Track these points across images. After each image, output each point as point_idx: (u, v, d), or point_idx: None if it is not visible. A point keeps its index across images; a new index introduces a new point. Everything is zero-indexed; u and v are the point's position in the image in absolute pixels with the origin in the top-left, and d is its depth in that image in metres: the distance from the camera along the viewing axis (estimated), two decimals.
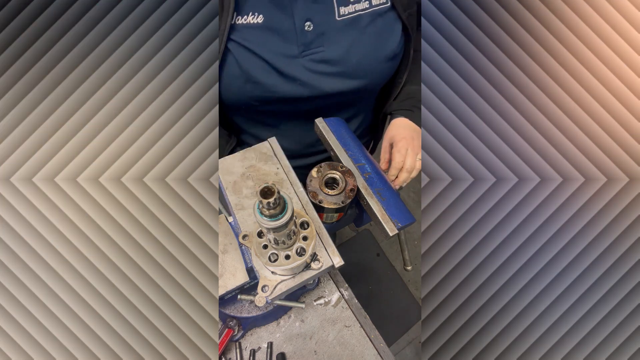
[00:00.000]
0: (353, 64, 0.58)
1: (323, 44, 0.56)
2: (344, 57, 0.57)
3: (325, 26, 0.55)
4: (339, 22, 0.55)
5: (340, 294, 0.68)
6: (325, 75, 0.58)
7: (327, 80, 0.59)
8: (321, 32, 0.55)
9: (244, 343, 0.63)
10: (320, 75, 0.58)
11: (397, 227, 0.51)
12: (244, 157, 0.57)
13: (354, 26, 0.56)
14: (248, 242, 0.47)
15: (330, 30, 0.55)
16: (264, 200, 0.34)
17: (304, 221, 0.46)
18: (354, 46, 0.57)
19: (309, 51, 0.56)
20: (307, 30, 0.54)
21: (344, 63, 0.58)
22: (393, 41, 0.60)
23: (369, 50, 0.58)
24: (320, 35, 0.55)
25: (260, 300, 0.44)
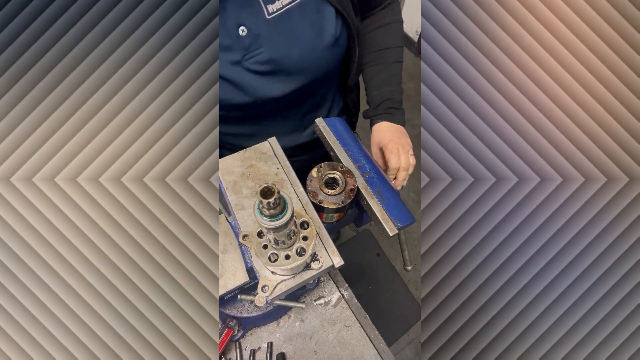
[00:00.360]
0: (294, 59, 0.58)
1: (262, 44, 0.56)
2: (284, 54, 0.57)
3: (259, 28, 0.55)
4: (270, 21, 0.56)
5: (340, 294, 0.68)
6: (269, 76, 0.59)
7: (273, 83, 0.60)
8: (256, 34, 0.55)
9: (244, 343, 0.63)
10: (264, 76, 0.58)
11: (397, 227, 0.51)
12: (244, 157, 0.57)
13: (285, 22, 0.57)
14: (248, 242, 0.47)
15: (264, 30, 0.56)
16: (264, 200, 0.34)
17: (304, 221, 0.46)
18: (291, 41, 0.57)
19: (250, 54, 0.56)
20: (241, 35, 0.55)
21: (285, 60, 0.58)
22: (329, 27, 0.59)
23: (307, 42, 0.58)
24: (256, 37, 0.56)
25: (260, 300, 0.44)
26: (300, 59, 0.59)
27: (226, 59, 0.56)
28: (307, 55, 0.59)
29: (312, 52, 0.59)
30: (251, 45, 0.56)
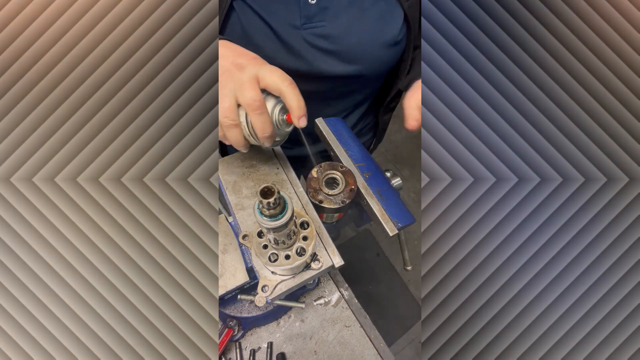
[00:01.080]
0: (352, 44, 0.58)
1: (325, 18, 0.56)
2: (343, 35, 0.57)
3: (329, 1, 0.55)
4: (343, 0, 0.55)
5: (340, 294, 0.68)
6: (323, 52, 0.58)
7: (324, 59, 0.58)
8: (325, 6, 0.55)
9: (244, 343, 0.63)
10: (319, 51, 0.58)
11: (397, 227, 0.51)
12: (244, 157, 0.57)
13: (356, 5, 0.56)
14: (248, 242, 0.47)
15: (333, 5, 0.55)
16: (264, 200, 0.34)
17: (304, 221, 0.46)
18: (354, 25, 0.57)
19: (311, 24, 0.55)
20: (310, 2, 0.54)
21: (343, 41, 0.57)
22: (394, 27, 0.59)
23: (369, 32, 0.58)
24: (323, 10, 0.55)
25: (260, 300, 0.44)
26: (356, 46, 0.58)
27: (285, 17, 0.55)
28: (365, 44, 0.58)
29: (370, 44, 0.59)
30: (315, 16, 0.55)
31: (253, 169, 0.55)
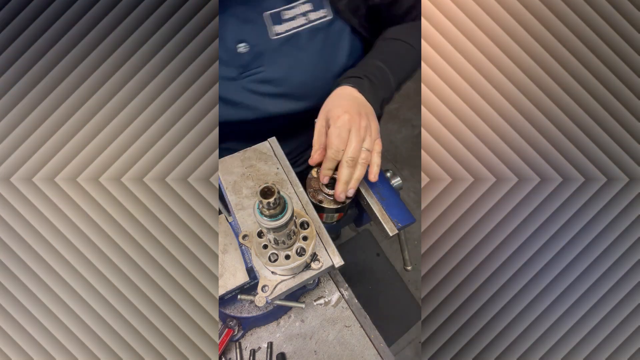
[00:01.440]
0: (296, 84, 0.55)
1: (263, 63, 0.54)
2: (286, 77, 0.55)
3: (262, 46, 0.53)
4: (274, 42, 0.53)
5: (340, 294, 0.68)
6: (268, 97, 0.56)
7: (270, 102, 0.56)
8: (259, 52, 0.53)
9: (244, 343, 0.63)
10: (263, 96, 0.56)
11: (397, 227, 0.51)
12: (244, 157, 0.57)
13: (292, 44, 0.54)
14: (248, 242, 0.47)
15: (267, 50, 0.53)
16: (264, 200, 0.34)
17: (304, 221, 0.46)
18: (295, 65, 0.54)
19: (248, 72, 0.54)
20: (240, 51, 0.52)
21: (287, 83, 0.55)
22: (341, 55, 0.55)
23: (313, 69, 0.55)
24: (258, 56, 0.53)
25: (260, 300, 0.44)
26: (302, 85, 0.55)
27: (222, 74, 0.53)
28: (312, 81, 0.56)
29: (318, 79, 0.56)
30: (251, 63, 0.53)
31: (253, 169, 0.55)
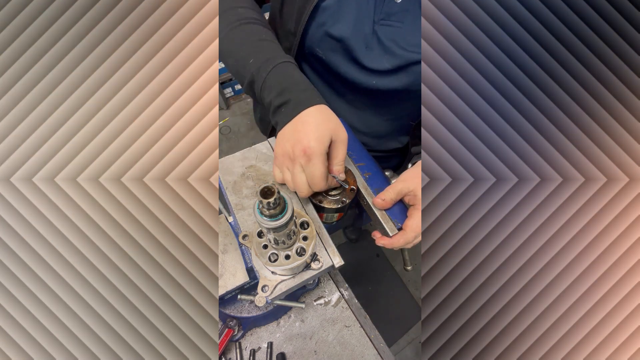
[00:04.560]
0: (414, 60, 0.55)
1: (403, 20, 0.53)
2: (416, 44, 0.54)
3: (413, 4, 0.52)
4: (404, 3, 0.52)
5: (340, 294, 0.68)
6: (388, 54, 0.55)
7: (381, 63, 0.56)
8: (406, 9, 0.52)
9: (244, 343, 0.63)
10: (384, 52, 0.55)
11: (397, 227, 0.51)
12: (244, 157, 0.57)
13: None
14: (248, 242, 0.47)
15: (416, 9, 0.52)
16: (264, 200, 0.34)
17: (304, 221, 0.46)
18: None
19: (388, 21, 0.53)
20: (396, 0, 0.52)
21: (410, 51, 0.54)
22: None
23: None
24: (404, 11, 0.52)
25: (260, 300, 0.44)
26: (418, 68, 0.55)
27: (364, 14, 0.52)
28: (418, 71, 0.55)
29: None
30: (394, 14, 0.52)
31: (253, 169, 0.55)
